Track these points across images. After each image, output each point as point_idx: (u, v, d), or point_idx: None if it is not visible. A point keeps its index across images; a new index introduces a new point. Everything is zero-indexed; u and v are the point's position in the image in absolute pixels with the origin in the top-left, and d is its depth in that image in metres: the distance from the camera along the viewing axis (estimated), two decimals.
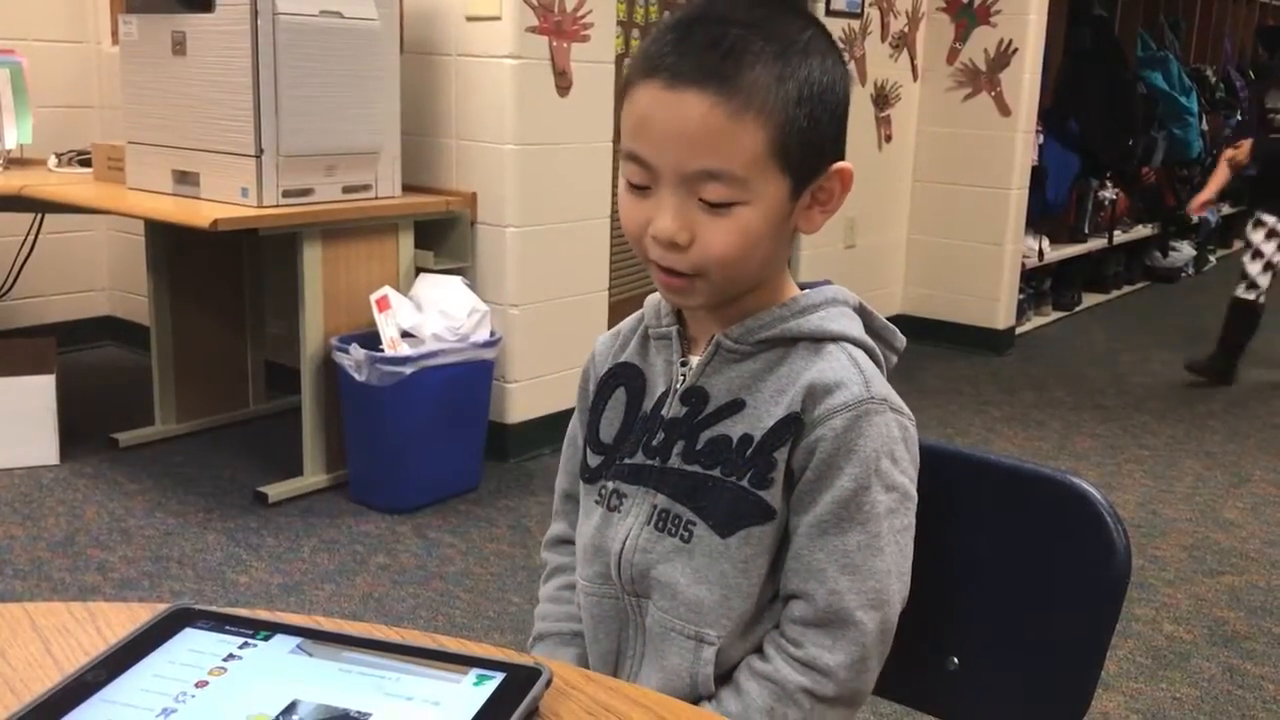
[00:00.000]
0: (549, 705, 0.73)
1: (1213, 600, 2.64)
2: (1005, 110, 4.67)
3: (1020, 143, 4.69)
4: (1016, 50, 4.62)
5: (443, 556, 2.70)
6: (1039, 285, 5.55)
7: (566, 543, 1.13)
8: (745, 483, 0.94)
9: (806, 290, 1.00)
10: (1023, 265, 5.02)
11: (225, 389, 3.52)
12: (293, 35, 2.71)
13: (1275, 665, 2.35)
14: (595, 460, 1.05)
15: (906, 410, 0.97)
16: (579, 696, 0.74)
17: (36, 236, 3.74)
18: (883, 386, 0.96)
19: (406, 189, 3.12)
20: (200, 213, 2.69)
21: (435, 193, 3.22)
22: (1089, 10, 5.76)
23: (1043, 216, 5.39)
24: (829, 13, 4.24)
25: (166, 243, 3.30)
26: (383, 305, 2.88)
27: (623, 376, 1.05)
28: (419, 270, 3.12)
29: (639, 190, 0.93)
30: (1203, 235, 7.15)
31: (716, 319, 0.99)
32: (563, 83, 3.20)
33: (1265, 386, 4.52)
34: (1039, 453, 3.64)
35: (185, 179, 2.90)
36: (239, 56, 2.69)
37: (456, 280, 3.02)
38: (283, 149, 2.75)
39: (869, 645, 0.93)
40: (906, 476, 0.96)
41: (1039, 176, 5.12)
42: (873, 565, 0.93)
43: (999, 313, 4.86)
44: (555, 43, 3.15)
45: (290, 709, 0.69)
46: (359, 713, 0.69)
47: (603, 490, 1.03)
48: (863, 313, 1.02)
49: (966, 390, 4.31)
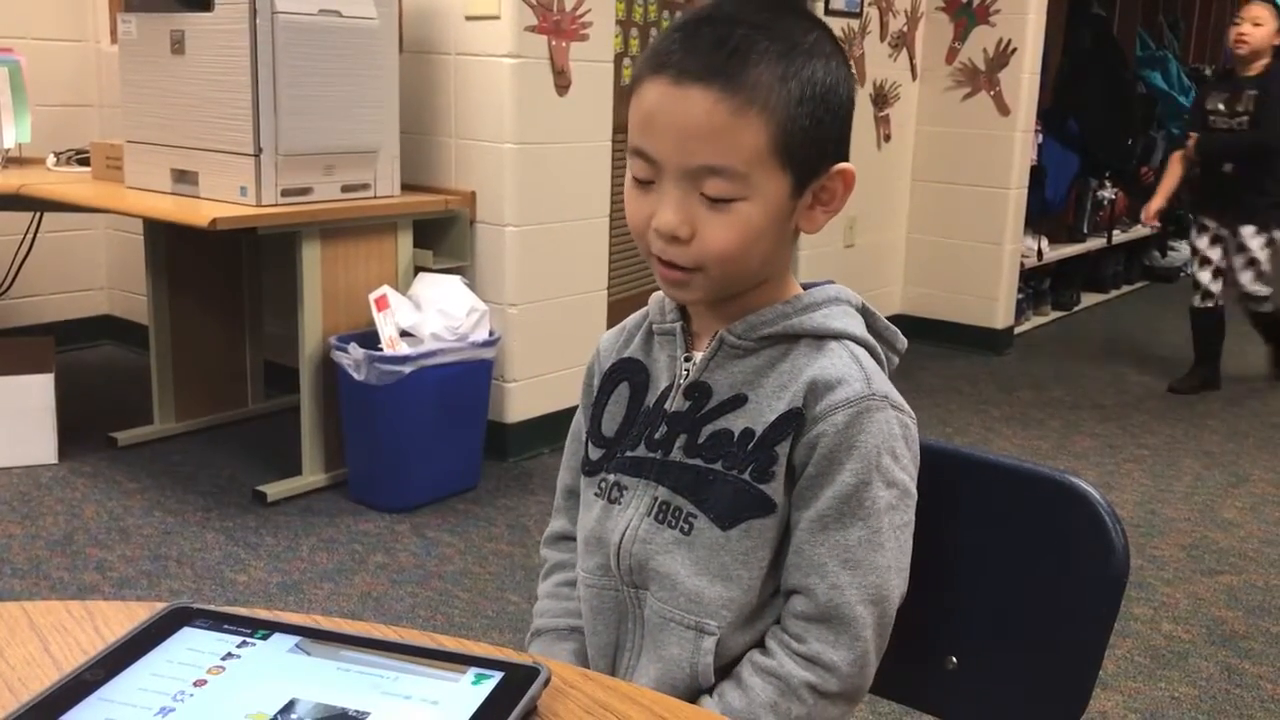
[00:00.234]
0: (547, 704, 0.73)
1: (1211, 600, 2.64)
2: (1004, 110, 4.67)
3: (1019, 142, 4.69)
4: (1015, 50, 4.62)
5: (441, 556, 2.70)
6: (1038, 285, 5.55)
7: (566, 539, 1.13)
8: (747, 476, 0.95)
9: (810, 289, 1.01)
10: (1022, 265, 5.02)
11: (224, 388, 3.52)
12: (292, 34, 2.71)
13: (1273, 664, 2.35)
14: (596, 453, 1.05)
15: (907, 408, 0.98)
16: (577, 695, 0.74)
17: (35, 235, 3.74)
18: (884, 384, 0.96)
19: (405, 188, 3.12)
20: (199, 212, 2.69)
21: (434, 192, 3.22)
22: (1088, 10, 5.76)
23: (1042, 216, 5.39)
24: (828, 12, 4.24)
25: (165, 242, 3.30)
26: (381, 304, 2.88)
27: (626, 371, 1.06)
28: (418, 269, 3.12)
29: (643, 185, 0.94)
30: None
31: (720, 316, 1.00)
32: (561, 82, 3.20)
33: (1264, 386, 4.52)
34: (1038, 452, 3.64)
35: (184, 178, 2.90)
36: (238, 55, 2.69)
37: (455, 279, 3.02)
38: (281, 148, 2.75)
39: (869, 640, 0.94)
40: (907, 474, 0.96)
41: (1038, 176, 5.12)
42: (873, 560, 0.93)
43: (998, 312, 4.86)
44: (554, 42, 3.15)
45: (288, 708, 0.69)
46: (357, 712, 0.69)
47: (603, 483, 1.03)
48: (865, 313, 1.02)
49: (965, 390, 4.31)
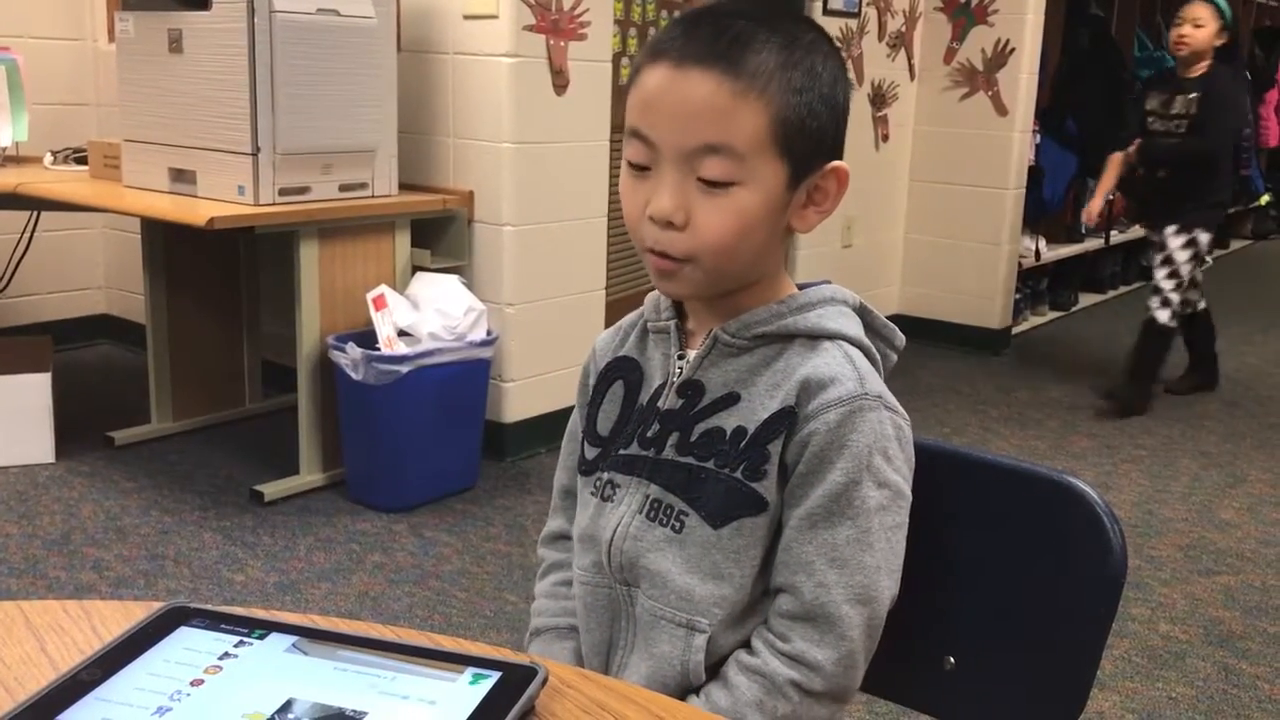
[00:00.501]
0: (545, 704, 0.73)
1: (1208, 600, 2.64)
2: (1002, 110, 4.67)
3: (1017, 142, 4.70)
4: (1014, 50, 4.62)
5: (439, 555, 2.70)
6: (1036, 285, 5.55)
7: (564, 538, 1.13)
8: (738, 475, 0.95)
9: (805, 289, 1.01)
10: (1019, 265, 5.01)
11: (221, 387, 3.52)
12: (289, 33, 2.71)
13: (1270, 665, 2.36)
14: (592, 453, 1.06)
15: (901, 410, 0.97)
16: (575, 695, 0.74)
17: (32, 234, 3.73)
18: (877, 384, 0.96)
19: (403, 187, 3.12)
20: (197, 211, 2.68)
21: (432, 191, 3.22)
22: (1086, 10, 5.76)
23: (1039, 216, 5.39)
24: (826, 12, 4.24)
25: (163, 241, 3.29)
26: (379, 304, 2.88)
27: (621, 370, 1.06)
28: (416, 269, 3.12)
29: (640, 171, 0.94)
30: None
31: (715, 314, 1.00)
32: (560, 81, 3.20)
33: (1263, 386, 4.52)
34: (1035, 452, 3.64)
35: (182, 177, 2.89)
36: (236, 54, 2.68)
37: (453, 279, 3.02)
38: (279, 147, 2.75)
39: (856, 640, 0.93)
40: (900, 475, 0.96)
41: (1036, 176, 5.12)
42: (861, 560, 0.93)
43: (995, 312, 4.86)
44: (552, 41, 3.15)
45: (286, 708, 0.69)
46: (355, 711, 0.69)
47: (597, 481, 1.03)
48: (863, 312, 1.02)
49: (963, 390, 4.31)
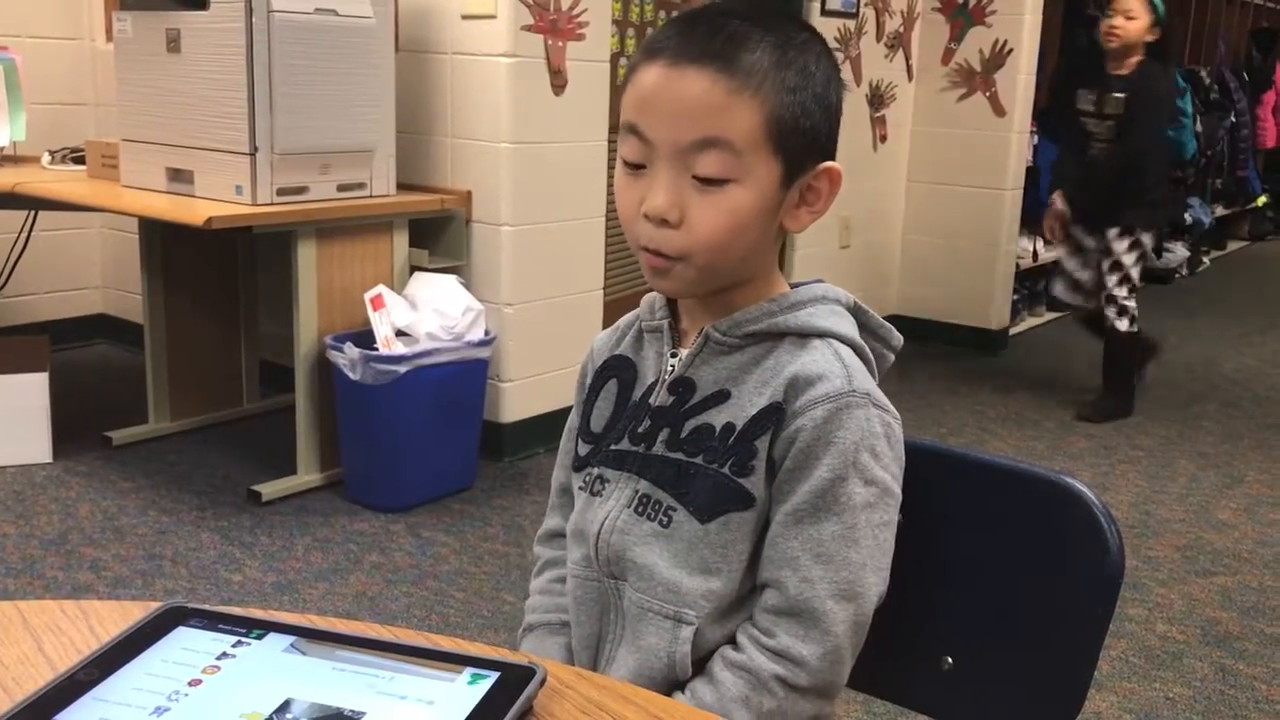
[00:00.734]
0: (543, 704, 0.73)
1: (1206, 600, 2.64)
2: (1000, 110, 4.67)
3: (1015, 143, 4.70)
4: (1011, 50, 4.62)
5: (437, 555, 2.70)
6: (1033, 286, 5.55)
7: (560, 536, 1.13)
8: (726, 470, 0.96)
9: (797, 288, 1.02)
10: (1017, 265, 5.02)
11: (219, 387, 3.51)
12: (287, 33, 2.71)
13: (1267, 665, 2.36)
14: (585, 449, 1.06)
15: (891, 408, 0.98)
16: (572, 695, 0.74)
17: (30, 234, 3.73)
18: (866, 382, 0.96)
19: (401, 187, 3.12)
20: (194, 211, 2.68)
21: (430, 191, 3.22)
22: (1084, 10, 5.77)
23: (1037, 217, 5.38)
24: (824, 12, 4.24)
25: (160, 241, 3.29)
26: (377, 304, 2.88)
27: (616, 368, 1.07)
28: (414, 269, 3.11)
29: (634, 170, 0.95)
30: (1196, 236, 7.16)
31: (707, 313, 1.01)
32: (558, 81, 3.20)
33: (1261, 387, 4.52)
34: (1033, 453, 3.64)
35: (179, 177, 2.89)
36: (233, 54, 2.68)
37: (451, 279, 3.02)
38: (277, 147, 2.74)
39: (841, 636, 0.93)
40: (888, 473, 0.96)
41: (1033, 177, 5.12)
42: (846, 556, 0.93)
43: (993, 313, 4.86)
44: (550, 41, 3.15)
45: (284, 708, 0.69)
46: (353, 712, 0.69)
47: (588, 476, 1.04)
48: (858, 311, 1.03)
49: (960, 390, 4.31)
